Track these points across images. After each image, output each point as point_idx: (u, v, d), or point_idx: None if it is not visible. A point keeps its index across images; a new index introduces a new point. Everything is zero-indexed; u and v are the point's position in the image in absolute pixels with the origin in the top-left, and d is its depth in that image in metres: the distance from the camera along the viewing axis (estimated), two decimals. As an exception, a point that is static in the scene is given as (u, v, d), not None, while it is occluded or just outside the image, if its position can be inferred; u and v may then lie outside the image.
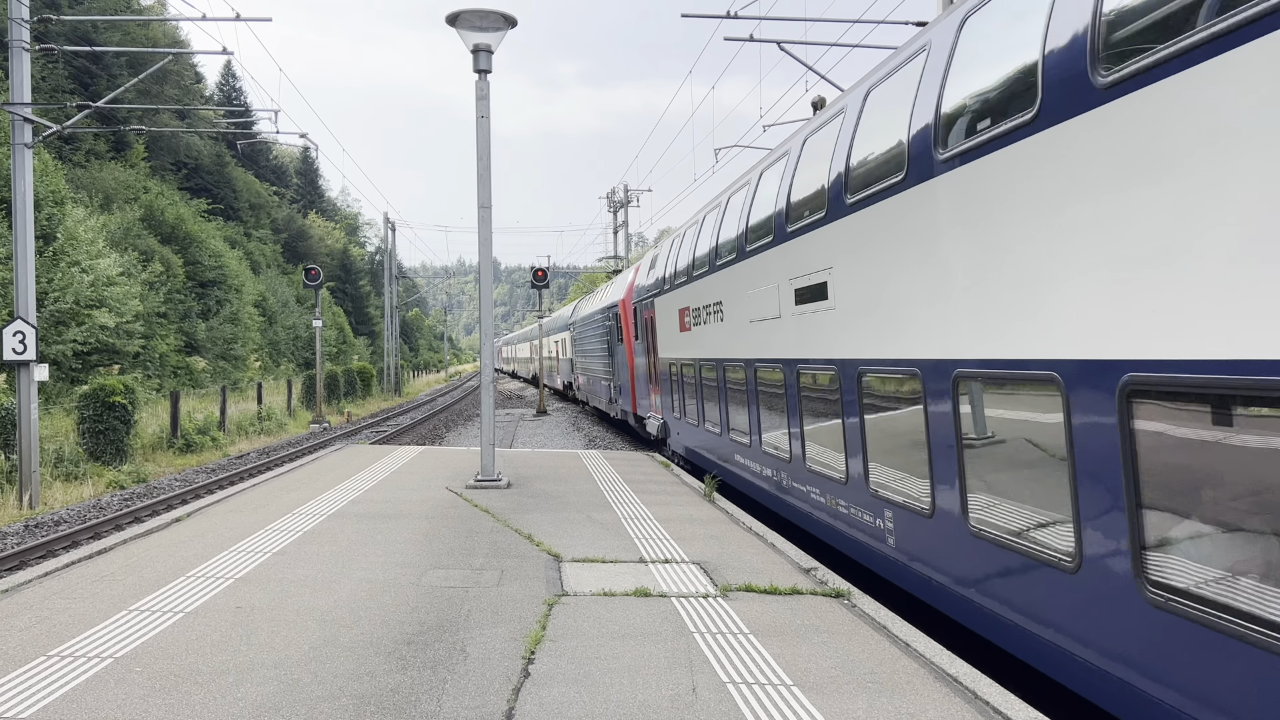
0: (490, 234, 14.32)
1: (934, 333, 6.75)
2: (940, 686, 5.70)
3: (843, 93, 9.45)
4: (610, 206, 50.51)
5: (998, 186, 5.89)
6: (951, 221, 6.45)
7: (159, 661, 6.03)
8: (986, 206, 6.03)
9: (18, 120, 16.44)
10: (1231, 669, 4.17)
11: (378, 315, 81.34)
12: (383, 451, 19.44)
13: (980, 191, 6.08)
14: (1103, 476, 4.95)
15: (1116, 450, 4.83)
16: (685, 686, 5.67)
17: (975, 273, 6.20)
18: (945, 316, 6.58)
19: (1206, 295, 4.22)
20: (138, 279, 35.20)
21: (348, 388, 46.08)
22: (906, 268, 7.13)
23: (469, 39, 13.71)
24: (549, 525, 10.84)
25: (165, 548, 9.66)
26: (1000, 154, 5.82)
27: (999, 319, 5.94)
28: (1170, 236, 4.43)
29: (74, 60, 43.43)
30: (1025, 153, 5.55)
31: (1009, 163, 5.73)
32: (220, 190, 59.43)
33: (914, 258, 7.01)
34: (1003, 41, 6.16)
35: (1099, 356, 4.95)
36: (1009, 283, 5.83)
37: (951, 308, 6.52)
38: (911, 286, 7.09)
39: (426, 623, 6.92)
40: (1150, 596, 4.65)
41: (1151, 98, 4.52)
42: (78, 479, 19.01)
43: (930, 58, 7.03)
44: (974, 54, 6.49)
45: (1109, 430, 4.86)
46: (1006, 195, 5.80)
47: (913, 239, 7.01)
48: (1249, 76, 3.94)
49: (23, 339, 16.15)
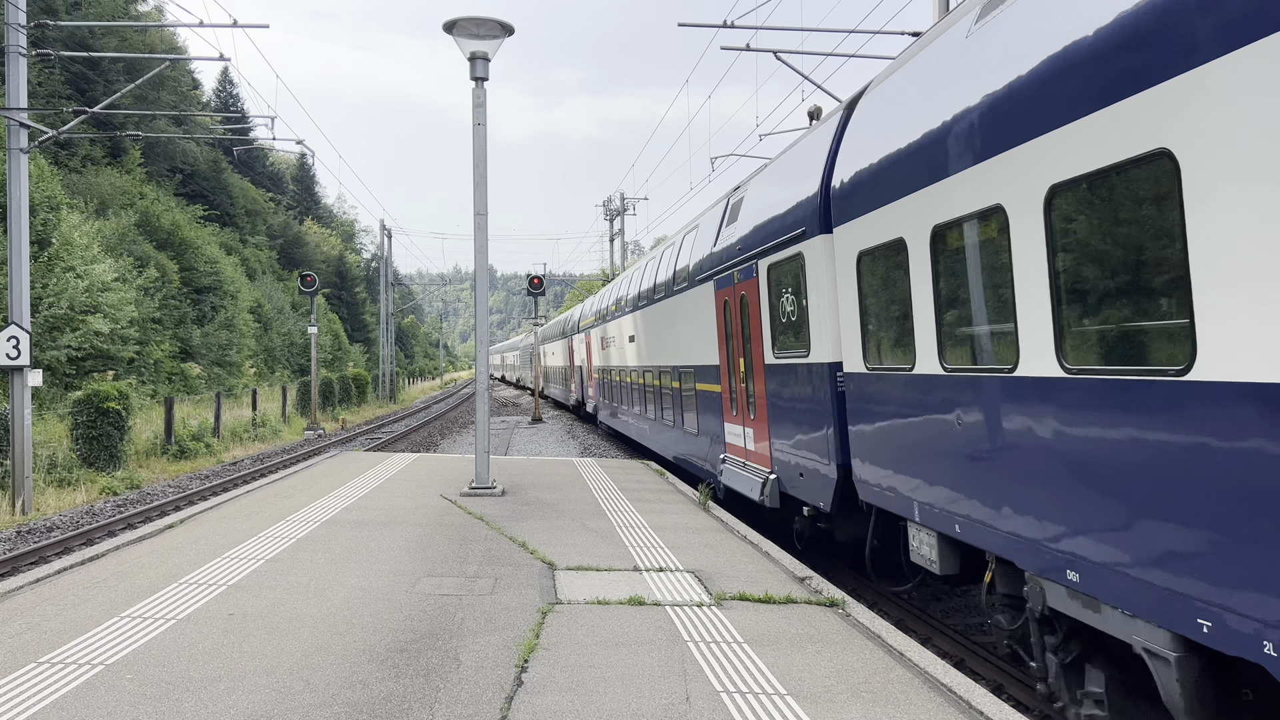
0: (486, 241, 14.33)
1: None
2: (934, 696, 5.70)
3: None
4: (607, 214, 50.57)
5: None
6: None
7: (150, 668, 6.00)
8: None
9: (13, 125, 16.42)
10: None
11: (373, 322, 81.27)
12: (377, 459, 19.39)
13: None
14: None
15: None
16: (679, 695, 5.66)
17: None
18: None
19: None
20: (133, 284, 35.12)
21: (342, 394, 46.01)
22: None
23: (466, 47, 13.72)
24: (543, 533, 10.81)
25: (158, 554, 9.62)
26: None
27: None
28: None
29: (70, 65, 43.39)
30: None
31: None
32: (216, 196, 59.35)
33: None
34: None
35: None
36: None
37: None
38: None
39: (419, 630, 6.90)
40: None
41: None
42: (71, 485, 18.94)
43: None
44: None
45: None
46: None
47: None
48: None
49: (17, 344, 16.10)
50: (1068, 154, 5.14)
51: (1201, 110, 4.17)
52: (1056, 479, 5.35)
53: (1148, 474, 4.57)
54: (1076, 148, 5.05)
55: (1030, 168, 5.51)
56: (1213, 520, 4.18)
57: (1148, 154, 4.52)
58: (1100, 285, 4.97)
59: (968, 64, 6.46)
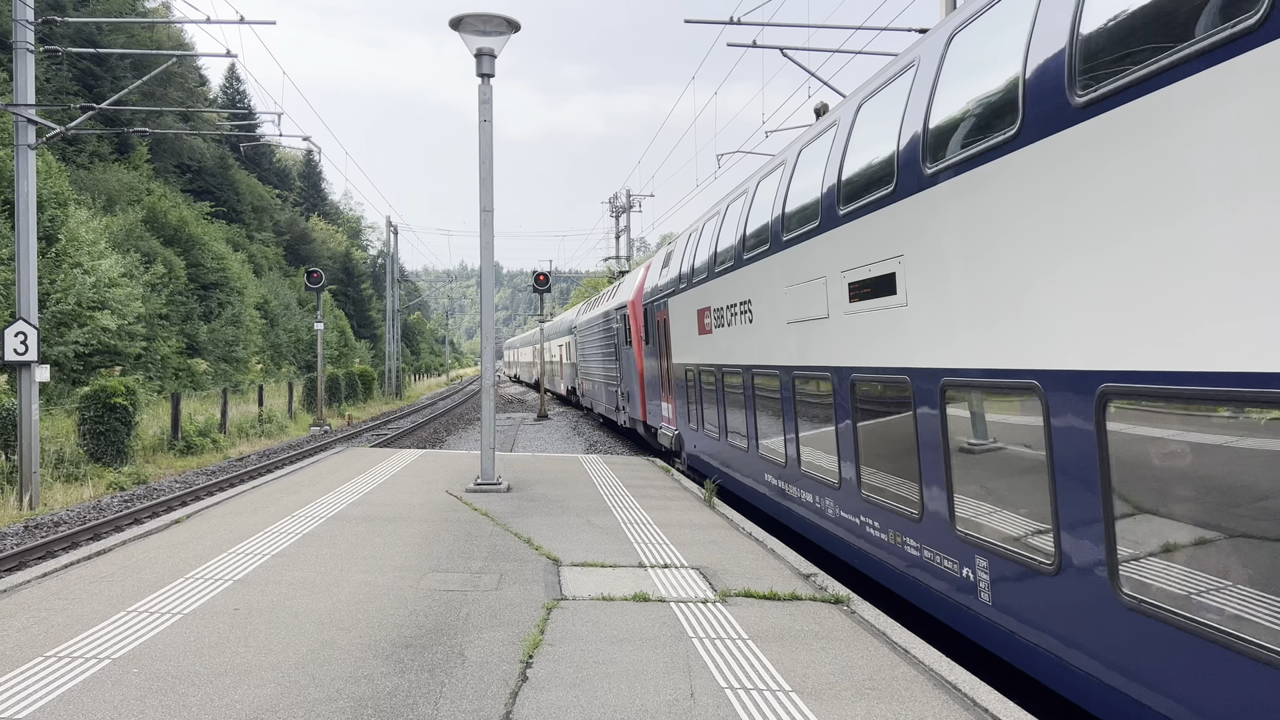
0: (492, 238, 14.33)
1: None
2: (939, 693, 5.69)
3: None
4: (613, 211, 50.56)
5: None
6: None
7: (156, 663, 6.03)
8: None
9: (21, 121, 16.47)
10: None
11: (379, 318, 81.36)
12: (383, 455, 19.43)
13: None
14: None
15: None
16: (683, 691, 5.66)
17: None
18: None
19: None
20: (140, 281, 35.23)
21: (349, 391, 46.08)
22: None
23: (472, 43, 13.72)
24: (548, 529, 10.83)
25: (164, 549, 9.66)
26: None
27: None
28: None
29: (78, 62, 43.50)
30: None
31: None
32: (223, 193, 59.48)
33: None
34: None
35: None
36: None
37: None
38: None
39: (425, 626, 6.91)
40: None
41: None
42: (78, 480, 19.00)
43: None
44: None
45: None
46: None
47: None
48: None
49: (24, 340, 16.16)
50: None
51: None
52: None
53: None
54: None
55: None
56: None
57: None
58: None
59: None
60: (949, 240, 6.61)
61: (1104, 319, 4.91)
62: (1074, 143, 5.06)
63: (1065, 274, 5.23)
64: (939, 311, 6.82)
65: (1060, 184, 5.23)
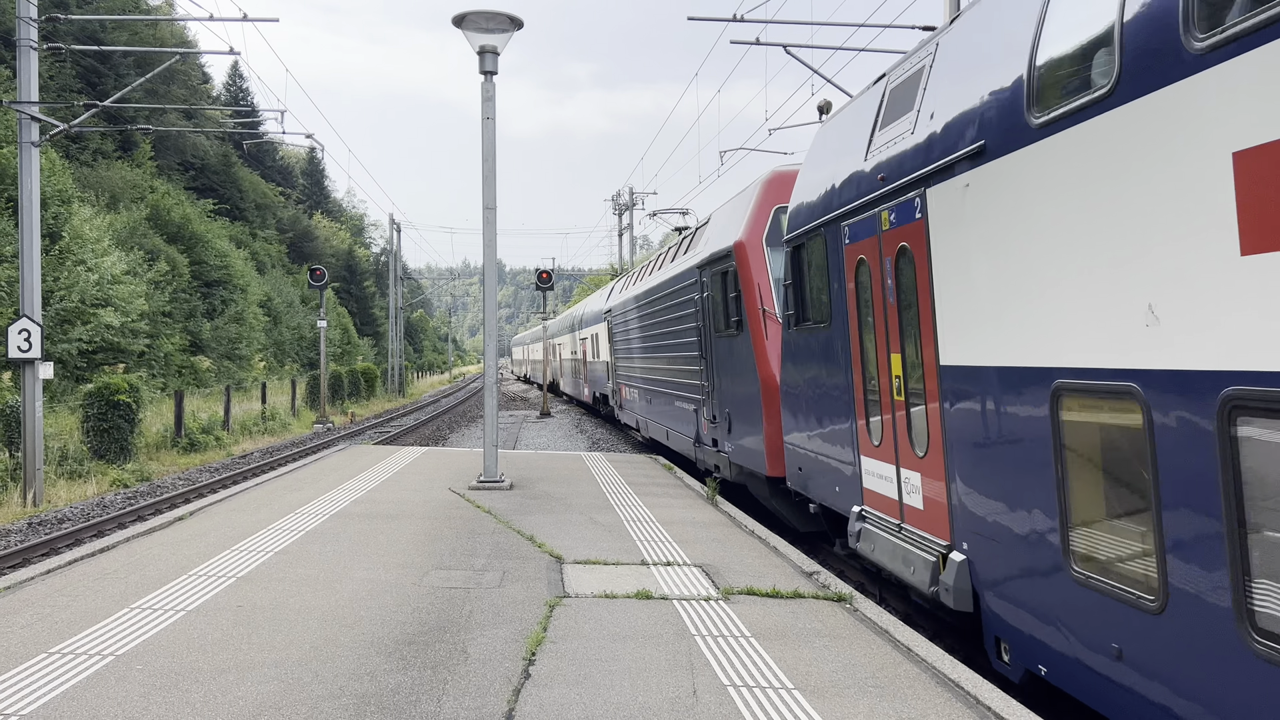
0: (495, 236, 14.33)
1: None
2: (942, 692, 5.69)
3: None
4: (615, 209, 50.55)
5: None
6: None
7: (160, 659, 6.04)
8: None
9: (24, 119, 16.49)
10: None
11: (382, 316, 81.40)
12: (386, 452, 19.45)
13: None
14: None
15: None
16: (686, 689, 5.66)
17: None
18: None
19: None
20: (143, 278, 35.27)
21: (352, 388, 46.11)
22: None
23: (475, 40, 13.72)
24: (551, 527, 10.83)
25: (168, 546, 9.67)
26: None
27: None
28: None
29: (81, 59, 43.57)
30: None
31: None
32: (226, 190, 59.56)
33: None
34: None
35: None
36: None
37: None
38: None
39: (428, 623, 6.92)
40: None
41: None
42: (81, 477, 19.04)
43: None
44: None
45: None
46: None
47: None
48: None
49: (28, 337, 16.19)
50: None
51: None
52: None
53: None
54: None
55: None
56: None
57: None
58: None
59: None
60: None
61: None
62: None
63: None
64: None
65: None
